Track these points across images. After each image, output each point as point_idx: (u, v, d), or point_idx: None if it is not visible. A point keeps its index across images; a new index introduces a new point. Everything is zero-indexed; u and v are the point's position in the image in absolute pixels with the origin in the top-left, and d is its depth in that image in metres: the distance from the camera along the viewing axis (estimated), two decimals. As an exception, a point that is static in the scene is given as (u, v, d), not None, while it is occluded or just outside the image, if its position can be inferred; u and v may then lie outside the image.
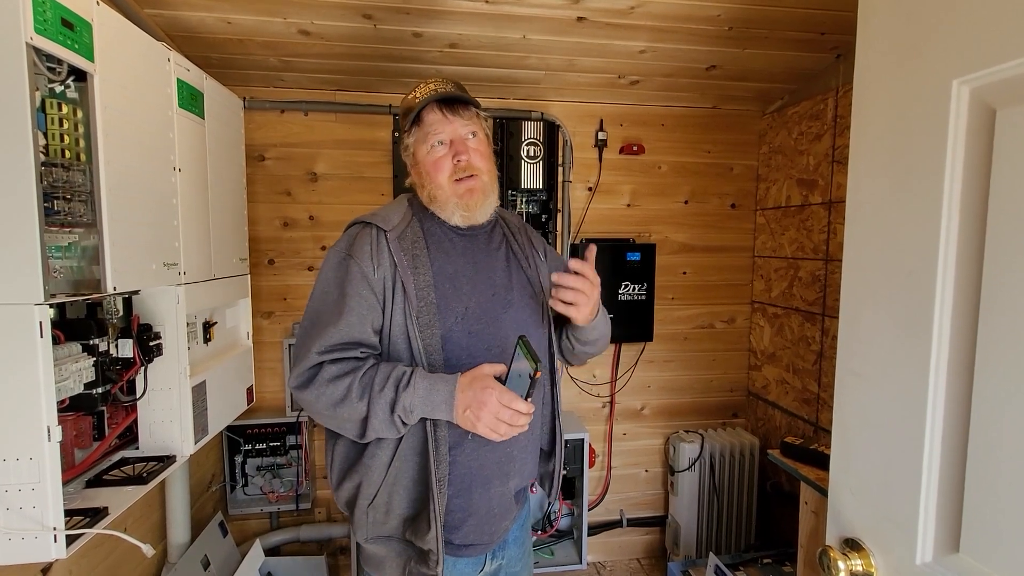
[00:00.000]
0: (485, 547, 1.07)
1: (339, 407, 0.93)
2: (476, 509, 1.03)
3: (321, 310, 0.99)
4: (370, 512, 1.02)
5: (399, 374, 0.93)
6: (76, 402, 1.10)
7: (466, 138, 1.04)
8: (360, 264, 0.98)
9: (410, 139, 1.06)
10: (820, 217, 2.08)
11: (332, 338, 0.95)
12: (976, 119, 0.64)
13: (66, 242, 1.01)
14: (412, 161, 1.08)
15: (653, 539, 2.57)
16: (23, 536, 0.92)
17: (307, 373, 0.96)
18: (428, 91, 1.04)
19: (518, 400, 0.89)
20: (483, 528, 1.05)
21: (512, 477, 1.07)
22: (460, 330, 1.01)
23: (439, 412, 0.93)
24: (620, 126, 2.35)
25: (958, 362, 0.67)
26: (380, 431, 0.95)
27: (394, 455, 0.99)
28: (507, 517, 1.09)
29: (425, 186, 1.06)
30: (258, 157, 2.13)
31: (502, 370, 0.94)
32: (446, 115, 1.02)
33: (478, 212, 1.05)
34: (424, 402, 0.92)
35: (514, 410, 0.90)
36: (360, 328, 0.97)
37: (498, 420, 0.90)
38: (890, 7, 0.74)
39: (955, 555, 0.67)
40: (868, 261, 0.78)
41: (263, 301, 2.19)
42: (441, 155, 1.03)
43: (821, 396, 2.09)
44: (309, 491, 2.20)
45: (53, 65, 0.96)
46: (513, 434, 0.92)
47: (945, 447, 0.68)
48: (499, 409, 0.90)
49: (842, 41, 1.85)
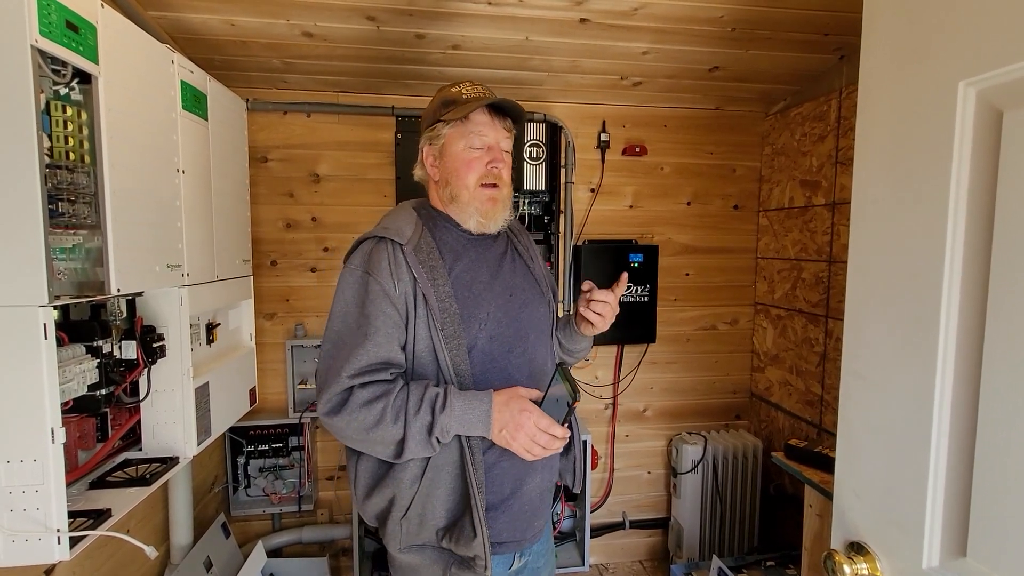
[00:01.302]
0: (518, 544, 1.07)
1: (373, 431, 0.92)
2: (508, 507, 1.04)
3: (344, 332, 0.97)
4: (404, 524, 1.00)
5: (432, 396, 0.93)
6: (80, 404, 1.10)
7: (503, 149, 1.06)
8: (380, 281, 0.96)
9: (446, 129, 1.04)
10: (823, 219, 2.08)
11: (360, 360, 0.93)
12: (983, 121, 0.64)
13: (70, 244, 1.01)
14: (439, 152, 1.06)
15: (656, 541, 2.56)
16: (27, 538, 0.92)
17: (337, 398, 0.93)
18: (477, 92, 1.04)
19: (555, 426, 0.92)
20: (516, 525, 1.05)
21: (539, 471, 1.07)
22: (484, 336, 1.02)
23: (475, 430, 0.94)
24: (623, 127, 2.35)
25: (965, 364, 0.66)
26: (416, 452, 0.94)
27: (426, 467, 0.99)
28: (539, 515, 1.10)
29: (449, 182, 1.05)
30: (261, 158, 2.13)
31: (537, 395, 0.95)
32: (494, 120, 1.04)
33: (493, 222, 1.06)
34: (460, 422, 0.93)
35: (551, 435, 0.92)
36: (388, 347, 0.95)
37: (534, 443, 0.92)
38: (895, 9, 0.74)
39: (962, 559, 0.67)
40: (873, 263, 0.78)
41: (265, 302, 2.19)
42: (476, 156, 1.03)
43: (825, 398, 2.09)
44: (311, 492, 2.20)
45: (58, 67, 0.96)
46: (546, 456, 0.94)
47: (952, 450, 0.68)
48: (536, 433, 0.92)
49: (845, 42, 1.85)
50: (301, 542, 2.22)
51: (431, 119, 1.07)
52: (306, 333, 2.21)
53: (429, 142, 1.08)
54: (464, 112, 1.01)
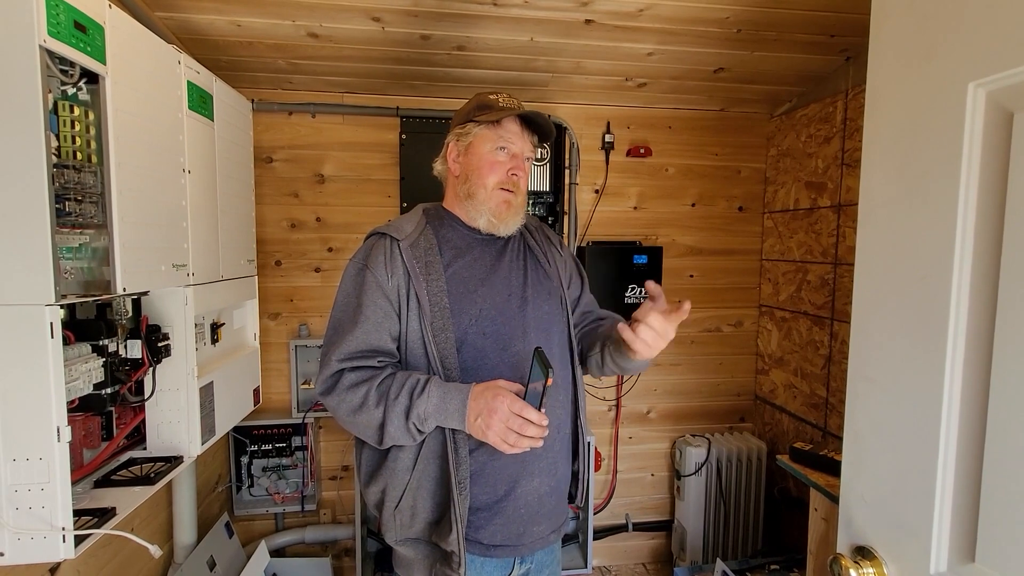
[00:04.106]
0: (514, 549, 1.06)
1: (358, 414, 0.97)
2: (502, 509, 1.04)
3: (342, 319, 1.03)
4: (396, 515, 1.04)
5: (414, 382, 0.95)
6: (85, 402, 1.10)
7: (525, 160, 1.10)
8: (375, 274, 1.02)
9: (477, 129, 1.08)
10: (829, 220, 2.07)
11: (350, 346, 0.99)
12: (993, 122, 0.64)
13: (77, 243, 1.02)
14: (463, 150, 1.11)
15: (659, 544, 2.55)
16: (32, 536, 0.93)
17: (329, 380, 1.00)
18: (513, 103, 1.09)
19: (529, 409, 0.89)
20: (510, 528, 1.05)
21: (537, 476, 1.06)
22: (475, 332, 1.03)
23: (452, 420, 0.94)
24: (627, 128, 2.35)
25: (974, 367, 0.66)
26: (397, 438, 0.96)
27: (416, 459, 1.01)
28: (537, 521, 1.08)
29: (469, 178, 1.09)
30: (266, 159, 2.14)
31: (519, 388, 0.94)
32: (524, 132, 1.09)
33: (504, 225, 1.09)
34: (438, 410, 0.94)
35: (524, 418, 0.89)
36: (376, 336, 1.00)
37: (508, 429, 0.90)
38: (904, 9, 0.74)
39: (971, 565, 0.66)
40: (881, 265, 0.77)
41: (270, 302, 2.20)
42: (501, 161, 1.08)
43: (830, 401, 2.07)
44: (314, 492, 2.20)
45: (66, 67, 0.96)
46: (523, 446, 0.91)
47: (960, 453, 0.67)
48: (509, 416, 0.90)
49: (852, 43, 1.84)
50: (304, 542, 2.22)
51: (464, 118, 1.11)
52: (310, 333, 2.22)
53: (457, 139, 1.12)
54: (498, 116, 1.06)
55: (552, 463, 1.09)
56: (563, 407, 1.11)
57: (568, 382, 1.13)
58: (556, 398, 1.09)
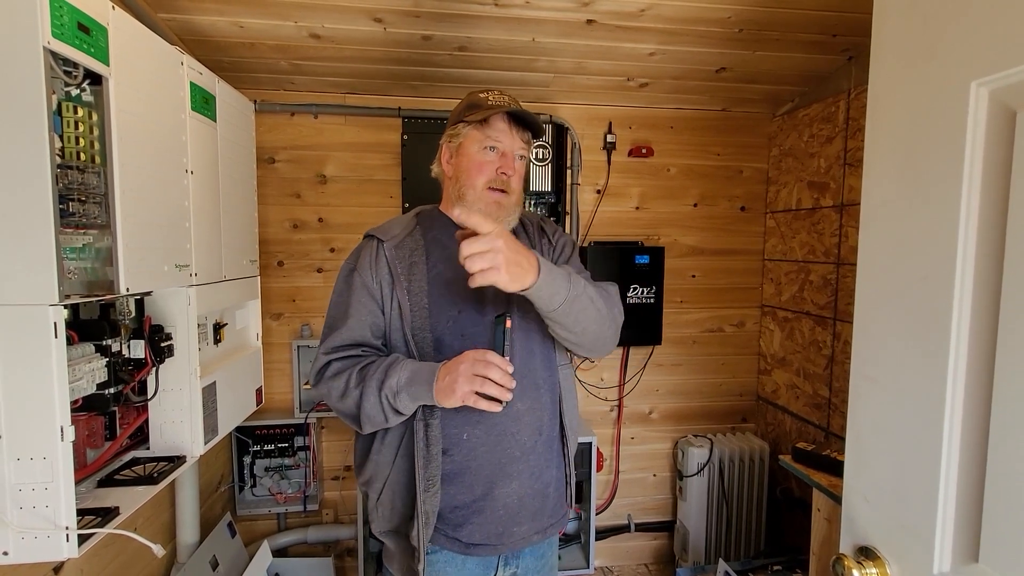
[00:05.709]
0: (495, 548, 1.06)
1: (343, 399, 1.02)
2: (480, 509, 1.05)
3: (333, 316, 1.09)
4: (379, 507, 1.09)
5: (392, 359, 1.00)
6: (89, 402, 1.11)
7: (516, 158, 1.09)
8: (361, 274, 1.07)
9: (466, 129, 1.09)
10: (831, 220, 2.06)
11: (335, 340, 1.05)
12: (995, 121, 0.63)
13: (80, 243, 1.02)
14: (454, 151, 1.11)
15: (661, 544, 2.55)
16: (36, 535, 0.93)
17: (318, 372, 1.07)
18: (502, 100, 1.08)
19: (491, 352, 0.92)
20: (489, 528, 1.05)
21: (516, 478, 1.05)
22: (453, 332, 1.05)
23: (422, 391, 0.95)
24: (629, 128, 2.35)
25: (976, 366, 0.65)
26: (372, 416, 0.99)
27: (396, 454, 1.05)
28: (520, 522, 1.07)
29: (459, 179, 1.09)
30: (268, 159, 2.14)
31: None
32: (512, 129, 1.08)
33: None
34: (409, 382, 0.96)
35: (487, 361, 0.90)
36: (360, 331, 1.06)
37: (473, 375, 0.90)
38: (906, 8, 0.73)
39: (974, 565, 0.66)
40: (883, 265, 0.77)
41: (272, 302, 2.20)
42: (489, 160, 1.07)
43: (832, 401, 2.07)
44: (317, 492, 2.20)
45: (69, 69, 0.97)
46: (491, 391, 0.89)
47: (963, 453, 0.67)
48: (472, 362, 0.91)
49: (854, 43, 1.84)
50: (306, 542, 2.23)
51: (455, 119, 1.12)
52: (312, 333, 2.22)
53: (448, 140, 1.13)
54: (484, 115, 1.05)
55: (534, 465, 1.08)
56: (545, 409, 1.09)
57: (553, 384, 1.12)
58: (537, 399, 1.08)
